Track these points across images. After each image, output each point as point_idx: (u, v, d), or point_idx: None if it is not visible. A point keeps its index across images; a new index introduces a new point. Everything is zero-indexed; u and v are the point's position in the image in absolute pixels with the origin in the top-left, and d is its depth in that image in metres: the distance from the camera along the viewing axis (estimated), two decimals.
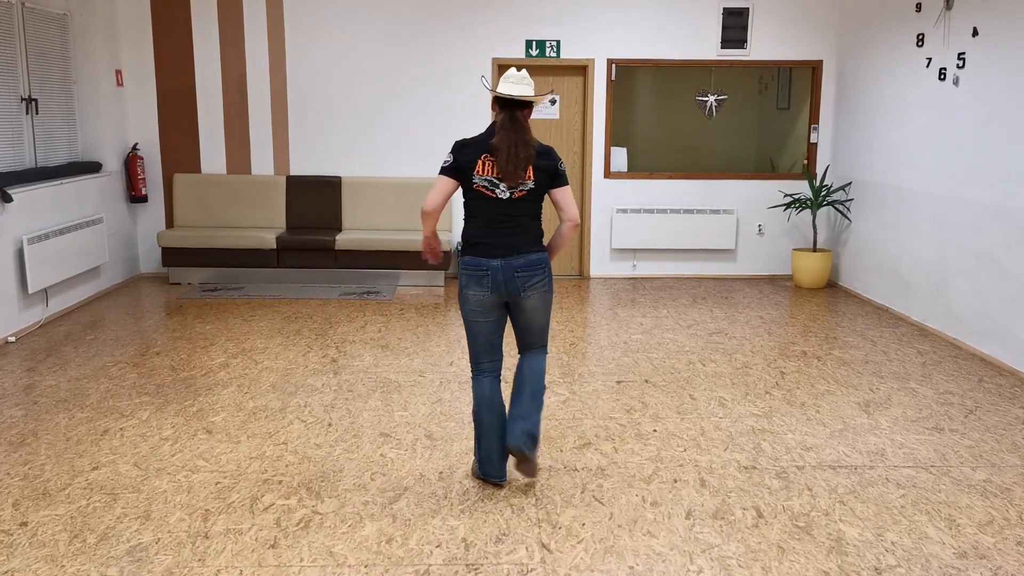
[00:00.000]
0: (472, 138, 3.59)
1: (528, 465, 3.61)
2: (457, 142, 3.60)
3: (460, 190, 3.65)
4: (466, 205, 3.66)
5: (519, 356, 3.80)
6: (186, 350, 5.67)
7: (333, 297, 7.25)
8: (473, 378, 3.74)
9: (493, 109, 3.61)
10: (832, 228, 8.09)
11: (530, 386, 3.69)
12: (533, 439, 3.60)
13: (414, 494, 3.61)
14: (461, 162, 3.54)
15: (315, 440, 4.18)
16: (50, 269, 6.29)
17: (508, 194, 3.53)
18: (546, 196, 3.64)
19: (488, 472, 3.70)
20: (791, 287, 7.90)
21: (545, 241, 3.71)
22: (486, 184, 3.54)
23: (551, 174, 3.58)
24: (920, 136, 6.55)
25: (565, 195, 3.62)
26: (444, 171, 3.57)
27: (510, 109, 3.53)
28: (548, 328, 3.78)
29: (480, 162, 3.52)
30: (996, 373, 5.36)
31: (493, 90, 3.60)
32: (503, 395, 3.76)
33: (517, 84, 3.52)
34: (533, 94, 3.56)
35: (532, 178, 3.54)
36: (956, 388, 5.07)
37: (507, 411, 3.68)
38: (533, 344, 3.77)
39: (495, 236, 3.56)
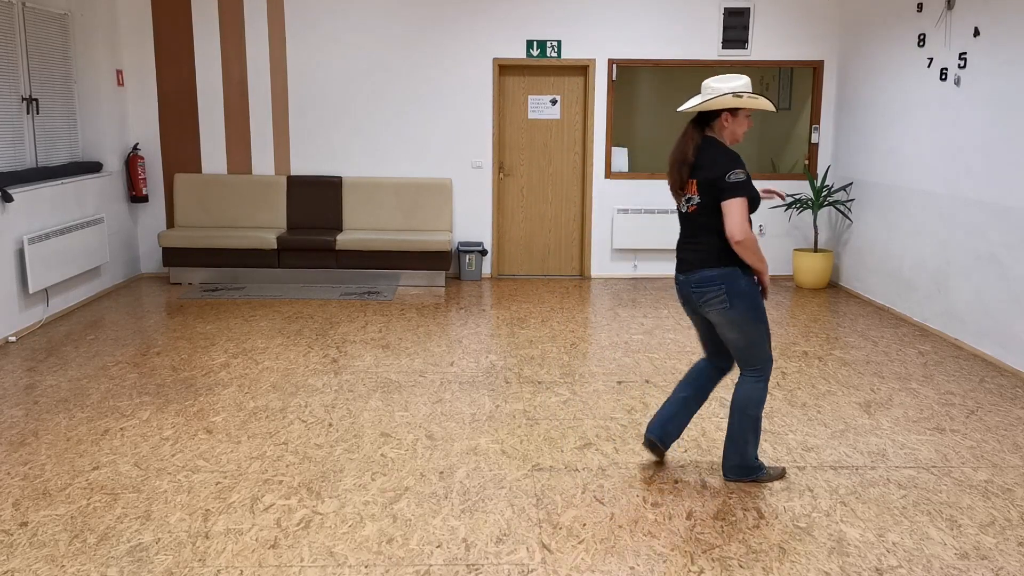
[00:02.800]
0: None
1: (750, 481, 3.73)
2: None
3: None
4: None
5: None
6: (187, 350, 5.67)
7: (334, 297, 7.25)
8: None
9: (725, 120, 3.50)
10: (833, 228, 8.08)
11: (738, 413, 3.62)
12: (741, 469, 3.69)
13: (414, 494, 3.61)
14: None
15: (315, 440, 4.17)
16: (51, 269, 6.29)
17: (685, 208, 3.53)
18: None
19: (654, 431, 3.80)
20: (792, 287, 7.90)
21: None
22: (676, 200, 3.60)
23: (710, 185, 3.40)
24: (921, 136, 6.54)
25: (728, 207, 3.36)
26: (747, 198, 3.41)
27: (695, 120, 3.49)
28: (750, 352, 3.56)
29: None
30: (997, 373, 5.36)
31: (737, 97, 3.43)
32: (709, 389, 3.84)
33: (700, 96, 3.46)
34: (731, 89, 3.37)
35: (696, 193, 3.44)
36: (957, 388, 5.07)
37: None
38: (736, 362, 3.67)
39: (680, 250, 3.62)
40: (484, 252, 8.07)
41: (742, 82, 3.39)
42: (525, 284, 7.96)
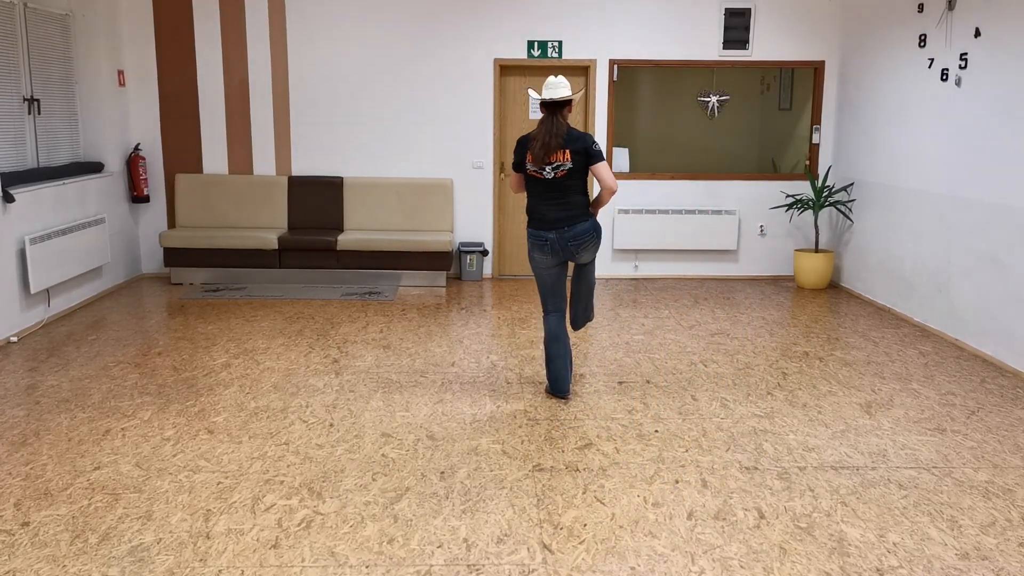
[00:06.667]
0: (524, 136, 4.52)
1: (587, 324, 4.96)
2: (517, 140, 4.55)
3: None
4: (526, 186, 4.57)
5: (571, 305, 4.76)
6: (188, 350, 5.67)
7: (335, 297, 7.25)
8: (543, 316, 4.73)
9: (542, 111, 4.47)
10: (834, 229, 8.08)
11: (586, 298, 4.74)
12: (588, 319, 4.82)
13: (415, 494, 3.61)
14: (518, 158, 4.53)
15: (316, 440, 4.18)
16: (52, 269, 6.29)
17: (552, 174, 4.42)
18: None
19: (556, 390, 4.74)
20: (793, 288, 7.90)
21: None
22: (536, 169, 4.45)
23: (585, 154, 4.39)
24: (922, 136, 6.54)
25: (601, 168, 4.41)
26: (513, 167, 4.59)
27: (551, 109, 4.41)
28: (594, 281, 4.75)
29: (529, 153, 4.44)
30: (998, 374, 5.36)
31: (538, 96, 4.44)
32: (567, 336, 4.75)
33: (552, 89, 4.38)
34: (568, 94, 4.38)
35: (569, 159, 4.38)
36: (958, 389, 5.07)
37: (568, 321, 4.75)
38: (583, 299, 4.74)
39: (547, 210, 4.49)
40: (485, 252, 8.07)
41: (567, 83, 4.46)
42: (526, 284, 7.96)
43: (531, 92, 4.51)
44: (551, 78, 4.42)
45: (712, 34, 7.93)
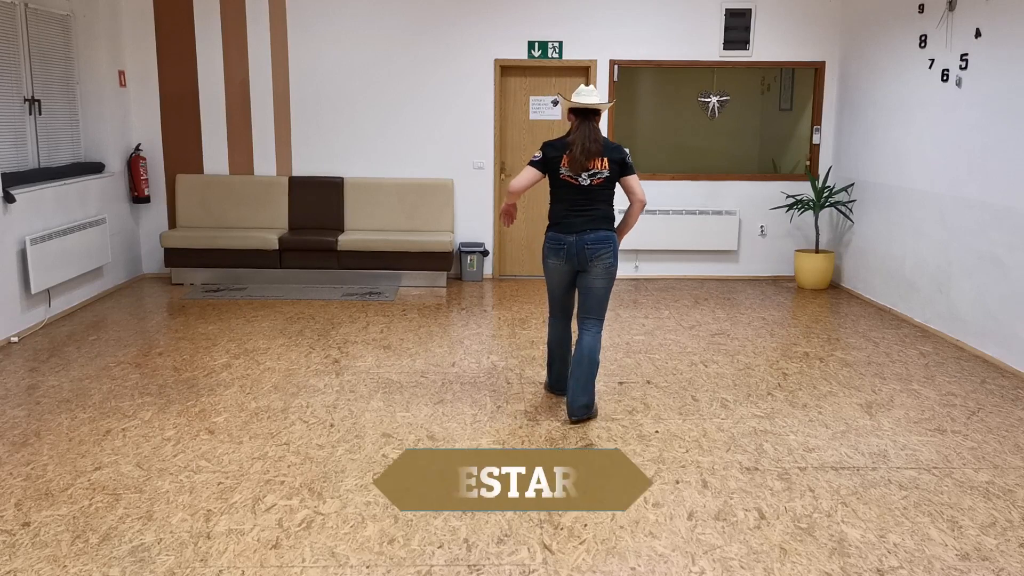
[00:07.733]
0: (556, 140, 4.42)
1: (588, 420, 4.48)
2: (545, 143, 4.42)
3: (547, 180, 4.45)
4: (553, 192, 4.43)
5: (579, 329, 4.45)
6: (188, 351, 5.67)
7: (335, 298, 7.25)
8: (549, 319, 4.71)
9: (569, 119, 4.43)
10: (834, 229, 8.08)
11: (588, 360, 4.38)
12: (589, 407, 4.43)
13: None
14: (549, 158, 4.36)
15: (317, 441, 4.18)
16: (53, 269, 6.30)
17: (588, 181, 4.33)
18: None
19: (557, 389, 4.78)
20: (793, 288, 7.90)
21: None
22: (571, 175, 4.32)
23: (621, 164, 4.38)
24: (922, 137, 6.54)
25: (633, 181, 4.42)
26: (533, 164, 4.37)
27: (583, 116, 4.34)
28: (606, 304, 4.46)
29: (565, 157, 4.32)
30: (999, 374, 5.36)
31: (569, 102, 4.40)
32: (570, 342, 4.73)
33: (588, 96, 4.36)
34: (600, 102, 4.37)
35: (607, 167, 4.32)
36: (959, 390, 5.07)
37: (570, 371, 4.46)
38: (591, 312, 4.43)
39: (574, 217, 4.36)
40: (485, 253, 8.07)
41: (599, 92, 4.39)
42: (526, 285, 7.96)
43: (560, 98, 4.50)
44: (583, 86, 4.39)
45: (712, 34, 7.93)
